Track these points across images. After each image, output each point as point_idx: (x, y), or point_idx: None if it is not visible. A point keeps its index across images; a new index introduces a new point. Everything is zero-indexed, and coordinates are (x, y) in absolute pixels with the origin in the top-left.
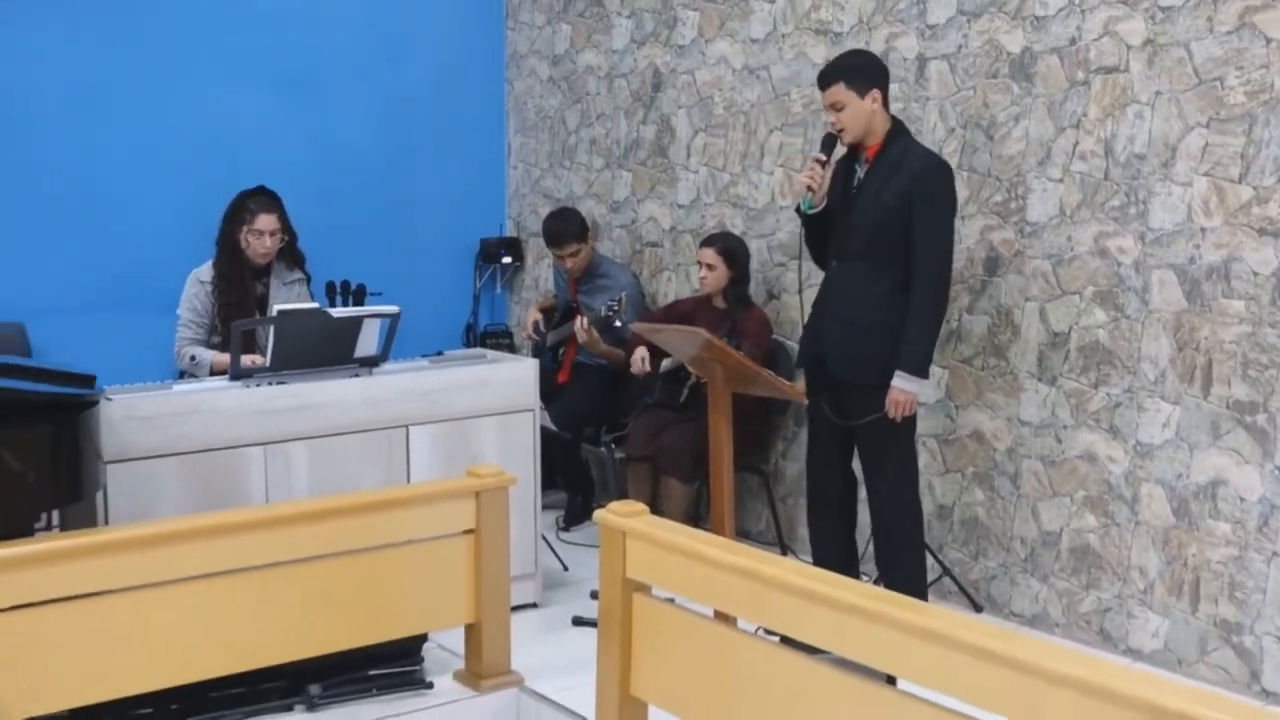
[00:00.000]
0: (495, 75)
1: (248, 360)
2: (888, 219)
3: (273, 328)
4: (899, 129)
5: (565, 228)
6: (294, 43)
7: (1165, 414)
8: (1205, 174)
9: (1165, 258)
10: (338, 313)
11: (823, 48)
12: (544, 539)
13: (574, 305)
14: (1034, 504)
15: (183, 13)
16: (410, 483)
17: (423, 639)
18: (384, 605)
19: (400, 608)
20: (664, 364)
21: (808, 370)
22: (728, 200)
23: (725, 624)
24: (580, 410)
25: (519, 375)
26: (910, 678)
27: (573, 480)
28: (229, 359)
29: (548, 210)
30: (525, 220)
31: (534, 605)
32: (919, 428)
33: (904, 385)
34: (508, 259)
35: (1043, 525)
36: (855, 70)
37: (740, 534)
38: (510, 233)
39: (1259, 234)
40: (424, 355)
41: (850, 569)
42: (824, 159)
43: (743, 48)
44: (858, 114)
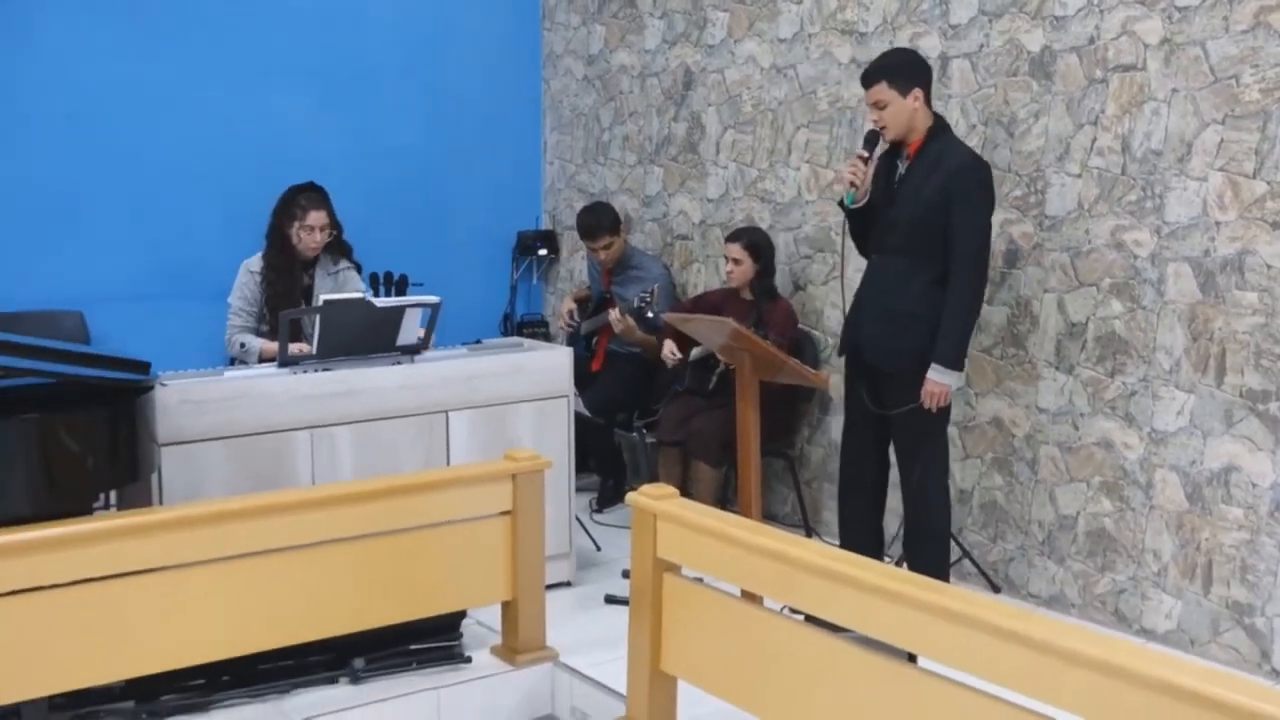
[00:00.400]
0: (532, 74)
1: (295, 348)
2: (926, 214)
3: (319, 317)
4: (940, 126)
5: (599, 221)
6: (341, 44)
7: (1180, 402)
8: (1220, 169)
9: (1180, 251)
10: (381, 302)
11: (848, 47)
12: (578, 520)
13: (608, 296)
14: (1051, 489)
15: (236, 16)
16: (450, 465)
17: (461, 615)
18: (424, 583)
19: (440, 585)
20: (694, 352)
21: (847, 359)
22: (755, 195)
23: (752, 603)
24: (613, 397)
25: (554, 363)
26: (931, 656)
27: (605, 464)
28: (277, 346)
29: (582, 204)
30: (561, 214)
31: (568, 584)
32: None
33: (939, 377)
34: (544, 251)
35: (1060, 509)
36: (897, 69)
37: (766, 516)
38: (546, 226)
39: (1272, 227)
40: (463, 343)
41: (876, 555)
42: (866, 155)
43: (770, 47)
44: (899, 112)
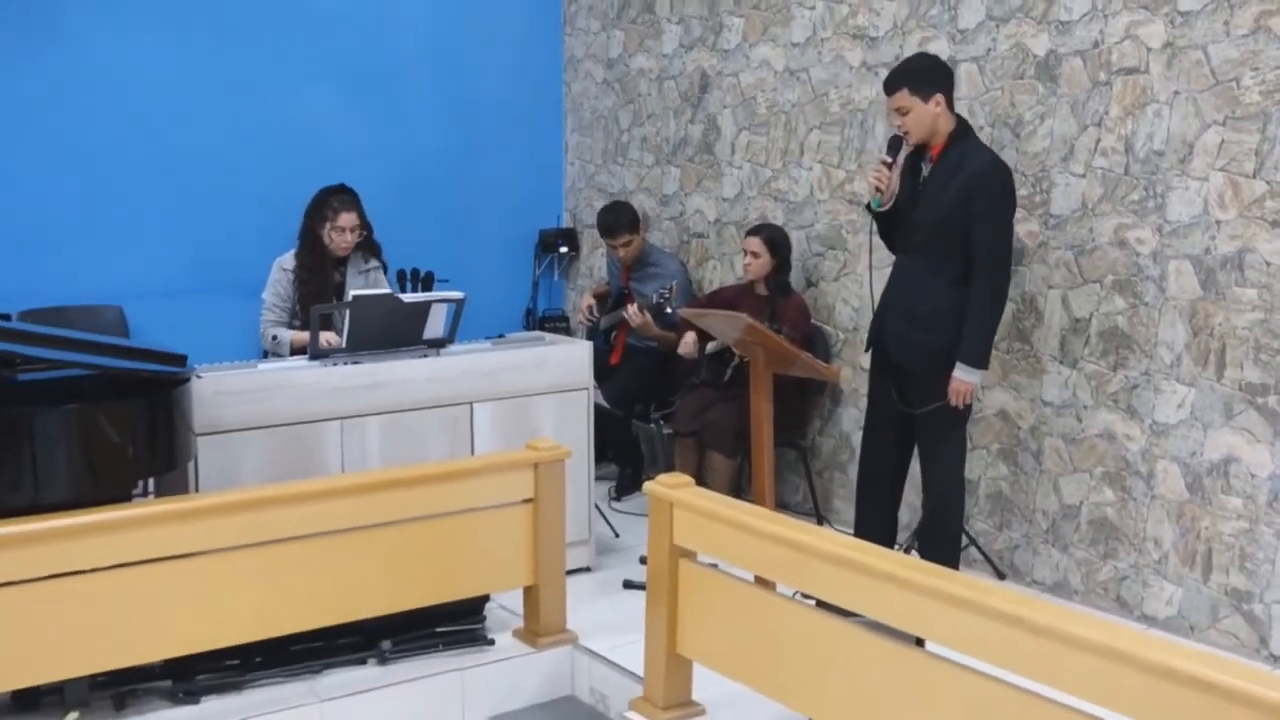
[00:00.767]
0: (554, 78)
1: (325, 341)
2: (948, 216)
3: (348, 312)
4: (963, 129)
5: (618, 220)
6: (370, 48)
7: (1180, 395)
8: (1221, 169)
9: (1182, 248)
10: (408, 298)
11: (859, 51)
12: (597, 508)
13: (626, 292)
14: (1055, 479)
15: (268, 19)
16: (474, 455)
17: (485, 599)
18: (449, 568)
19: (464, 570)
20: (709, 346)
21: (873, 357)
22: (769, 194)
23: (765, 588)
24: (631, 389)
25: (575, 356)
26: (938, 640)
27: (624, 454)
28: (309, 339)
29: (602, 204)
30: (581, 213)
31: (587, 569)
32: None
33: (963, 376)
34: (564, 249)
35: (1063, 499)
36: (919, 75)
37: (779, 505)
38: (567, 224)
39: (1271, 226)
40: (487, 337)
41: (888, 544)
42: (890, 161)
43: (784, 51)
44: (921, 117)
